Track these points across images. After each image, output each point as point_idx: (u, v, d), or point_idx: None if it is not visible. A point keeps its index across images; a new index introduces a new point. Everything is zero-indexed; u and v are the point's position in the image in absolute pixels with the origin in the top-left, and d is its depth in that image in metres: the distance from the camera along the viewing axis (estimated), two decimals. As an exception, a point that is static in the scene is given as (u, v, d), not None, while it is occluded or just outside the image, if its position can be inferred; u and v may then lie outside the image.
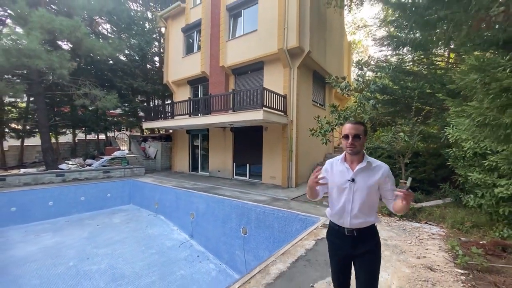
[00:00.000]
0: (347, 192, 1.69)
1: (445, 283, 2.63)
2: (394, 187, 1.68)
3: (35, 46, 7.54)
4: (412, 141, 5.34)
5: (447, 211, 5.08)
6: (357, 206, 1.66)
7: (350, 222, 1.67)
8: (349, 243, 1.69)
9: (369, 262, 1.66)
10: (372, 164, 1.70)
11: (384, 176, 1.66)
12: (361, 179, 1.67)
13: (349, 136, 1.66)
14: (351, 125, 1.69)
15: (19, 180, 8.45)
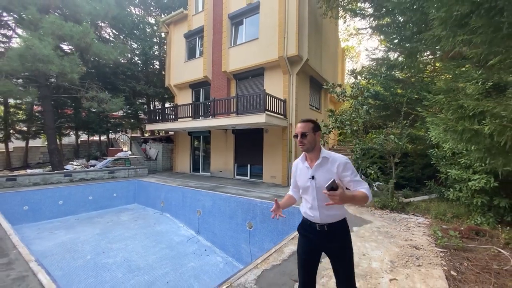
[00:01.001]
0: (311, 190, 1.71)
1: (427, 258, 3.23)
2: (354, 177, 1.67)
3: (49, 52, 7.90)
4: (401, 142, 5.98)
5: (432, 205, 5.74)
6: (321, 203, 1.67)
7: (320, 217, 1.68)
8: (320, 238, 1.70)
9: (343, 256, 1.69)
10: (329, 158, 1.71)
11: (341, 168, 1.66)
12: (319, 175, 1.69)
13: (297, 135, 1.72)
14: (299, 124, 1.75)
15: (29, 180, 8.74)
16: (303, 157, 1.82)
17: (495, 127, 1.68)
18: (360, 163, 7.30)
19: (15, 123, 11.33)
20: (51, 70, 8.04)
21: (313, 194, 1.71)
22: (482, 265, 3.06)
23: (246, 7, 10.28)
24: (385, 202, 5.90)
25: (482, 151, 2.31)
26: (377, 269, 2.93)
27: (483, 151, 2.30)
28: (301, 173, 1.81)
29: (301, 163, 1.82)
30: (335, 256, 1.71)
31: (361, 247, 3.56)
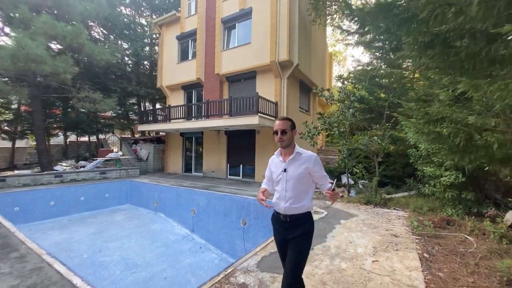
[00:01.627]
0: (282, 182, 1.85)
1: (404, 244, 3.69)
2: (323, 172, 1.86)
3: (42, 52, 7.89)
4: (383, 143, 6.52)
5: (411, 200, 6.31)
6: (290, 194, 1.80)
7: (284, 209, 1.82)
8: (284, 228, 1.85)
9: (297, 245, 1.78)
10: (302, 154, 1.86)
11: (312, 164, 1.82)
12: (291, 168, 1.83)
13: (278, 132, 1.84)
14: (279, 122, 1.87)
15: (18, 181, 8.61)
16: (278, 152, 1.97)
17: (451, 130, 2.11)
18: (347, 163, 7.81)
19: (1, 123, 11.04)
20: (44, 70, 8.01)
21: (283, 186, 1.84)
22: (450, 248, 3.55)
23: (239, 12, 10.62)
24: (370, 198, 6.40)
25: (446, 150, 2.77)
26: (362, 253, 3.34)
27: (446, 150, 2.76)
28: (276, 167, 1.95)
29: (276, 157, 1.98)
30: (292, 244, 1.80)
31: (348, 237, 3.98)
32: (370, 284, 2.58)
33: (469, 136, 2.04)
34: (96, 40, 13.82)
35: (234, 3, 10.83)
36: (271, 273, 2.77)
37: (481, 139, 1.91)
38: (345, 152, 7.58)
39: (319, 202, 6.65)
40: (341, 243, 3.68)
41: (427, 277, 2.74)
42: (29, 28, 8.82)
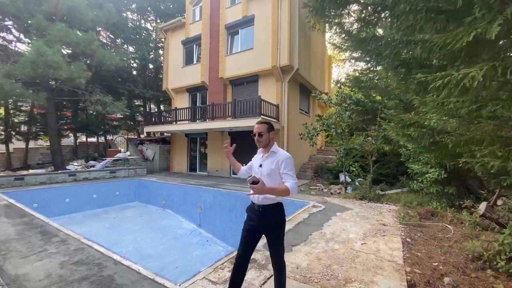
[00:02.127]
0: (258, 176, 1.99)
1: (391, 231, 4.22)
2: (288, 171, 2.00)
3: (59, 58, 8.45)
4: (377, 143, 7.05)
5: (402, 196, 6.85)
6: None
7: (258, 200, 2.03)
8: (257, 216, 2.04)
9: (272, 233, 2.04)
10: (276, 153, 2.09)
11: (280, 162, 2.02)
12: (265, 165, 2.08)
13: (255, 134, 2.11)
14: (257, 125, 2.13)
15: (35, 179, 9.17)
16: (260, 150, 2.25)
17: (418, 133, 2.62)
18: (344, 161, 8.35)
19: (16, 125, 11.60)
20: (61, 76, 8.57)
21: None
22: (431, 235, 4.09)
23: (242, 19, 11.18)
24: (364, 194, 6.94)
25: (419, 148, 3.30)
26: (353, 238, 3.88)
27: (420, 149, 3.30)
28: (256, 162, 2.25)
29: (258, 154, 2.28)
30: (267, 233, 2.05)
31: (342, 226, 4.51)
32: (357, 259, 3.12)
33: (432, 138, 2.56)
34: (104, 45, 14.39)
35: (237, 10, 11.39)
36: (276, 252, 3.31)
37: (440, 140, 2.43)
38: (342, 152, 8.11)
39: (318, 197, 7.18)
40: (336, 230, 4.22)
41: (406, 255, 3.28)
42: (44, 36, 9.40)
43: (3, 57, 10.39)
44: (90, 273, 2.73)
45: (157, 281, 2.62)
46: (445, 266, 2.97)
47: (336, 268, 2.89)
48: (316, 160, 12.52)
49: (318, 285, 2.55)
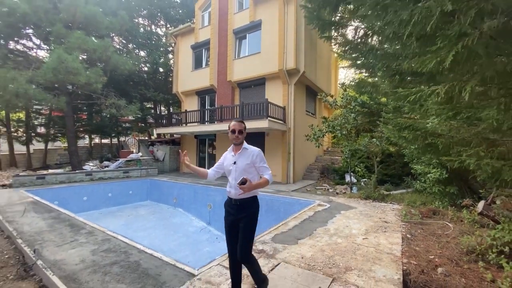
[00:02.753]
0: (233, 172, 2.23)
1: (392, 227, 4.45)
2: (263, 164, 2.24)
3: (77, 65, 8.99)
4: (381, 144, 7.24)
5: (407, 196, 7.01)
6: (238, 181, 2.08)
7: (234, 194, 2.18)
8: (234, 210, 2.20)
9: (244, 224, 2.15)
10: (248, 150, 2.26)
11: (255, 156, 2.21)
12: (240, 161, 2.23)
13: (235, 131, 2.21)
14: (236, 123, 2.24)
15: (55, 178, 9.74)
16: (231, 149, 2.37)
17: (413, 135, 2.87)
18: (350, 162, 8.56)
19: (36, 127, 12.29)
20: (80, 81, 9.11)
21: (234, 175, 2.22)
22: (430, 231, 4.30)
23: (249, 24, 11.53)
24: (369, 194, 7.14)
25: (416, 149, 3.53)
26: (355, 233, 4.14)
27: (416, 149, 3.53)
28: (228, 160, 2.34)
29: (229, 153, 2.39)
30: (241, 225, 2.16)
31: (346, 223, 4.76)
32: (358, 252, 3.38)
33: (425, 140, 2.79)
34: (117, 50, 15.00)
35: (245, 15, 11.75)
36: (283, 244, 3.61)
37: (432, 142, 2.67)
38: (347, 153, 8.32)
39: (323, 197, 7.43)
40: (339, 227, 4.48)
41: (404, 249, 3.52)
42: (63, 43, 9.99)
43: (24, 64, 11.08)
44: (119, 259, 3.09)
45: (178, 266, 2.96)
46: (440, 259, 3.20)
47: (337, 259, 3.16)
48: (323, 161, 12.72)
49: (320, 272, 2.83)
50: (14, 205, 6.13)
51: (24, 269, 3.01)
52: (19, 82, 8.15)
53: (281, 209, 7.42)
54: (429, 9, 1.33)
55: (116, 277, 2.66)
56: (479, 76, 1.52)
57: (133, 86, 15.17)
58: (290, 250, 3.41)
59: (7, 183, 9.27)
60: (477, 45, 1.29)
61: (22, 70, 9.60)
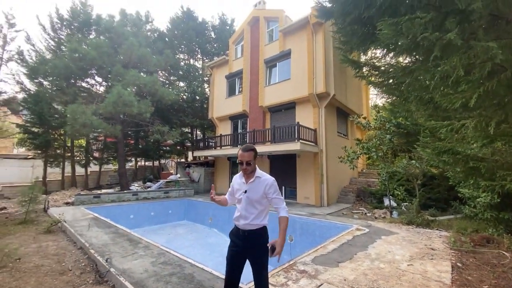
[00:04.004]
0: (243, 202, 2.07)
1: (440, 255, 4.23)
2: (277, 195, 2.07)
3: (132, 98, 10.41)
4: (421, 166, 6.97)
5: (455, 222, 6.51)
6: (249, 213, 2.01)
7: (244, 225, 2.03)
8: (243, 242, 2.03)
9: (255, 260, 2.03)
10: (261, 178, 2.09)
11: (268, 186, 2.04)
12: (251, 190, 2.05)
13: (242, 163, 2.04)
14: (244, 153, 2.05)
15: (108, 197, 10.92)
16: (241, 174, 2.19)
17: (453, 159, 2.87)
18: (388, 185, 8.27)
19: (93, 152, 14.11)
20: (132, 111, 10.49)
21: (243, 205, 2.06)
22: (484, 261, 4.01)
23: (279, 53, 12.37)
24: (411, 219, 6.78)
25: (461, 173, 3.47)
26: (399, 259, 4.03)
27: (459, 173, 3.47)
28: (238, 186, 2.18)
29: (239, 178, 2.21)
30: (252, 257, 2.04)
31: (387, 248, 4.64)
32: (403, 277, 3.33)
33: (467, 164, 2.79)
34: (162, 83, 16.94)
35: (275, 46, 12.67)
36: (323, 266, 3.70)
37: (474, 165, 2.67)
38: (384, 175, 8.09)
39: (361, 221, 7.23)
40: (381, 252, 4.40)
41: (454, 277, 3.36)
42: (120, 80, 11.70)
43: (88, 98, 13.11)
44: (175, 271, 3.48)
45: (228, 281, 3.23)
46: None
47: (382, 283, 3.16)
48: (358, 183, 12.34)
49: (365, 294, 2.88)
50: (79, 220, 7.07)
51: (99, 275, 3.54)
52: (87, 114, 9.68)
53: (316, 232, 7.35)
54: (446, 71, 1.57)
55: (176, 287, 3.02)
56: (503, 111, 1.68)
57: (174, 113, 16.78)
58: (332, 272, 3.48)
59: (69, 201, 10.64)
60: (497, 87, 1.48)
61: (87, 104, 11.36)
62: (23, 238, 5.50)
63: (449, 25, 1.63)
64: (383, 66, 2.94)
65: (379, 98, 22.46)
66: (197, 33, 19.19)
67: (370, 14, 2.45)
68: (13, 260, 4.07)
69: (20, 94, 13.66)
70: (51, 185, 12.98)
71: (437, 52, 1.66)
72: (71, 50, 11.07)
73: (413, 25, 1.74)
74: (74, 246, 4.98)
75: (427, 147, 3.39)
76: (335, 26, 3.95)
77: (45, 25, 13.88)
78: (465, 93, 1.60)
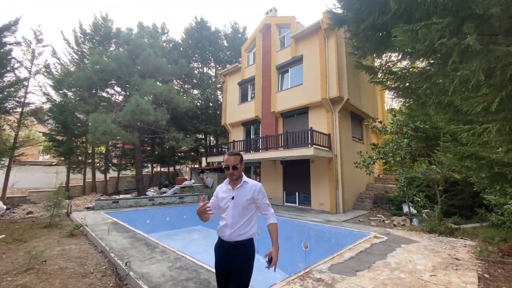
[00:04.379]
0: (230, 209, 1.96)
1: (465, 265, 4.00)
2: (265, 201, 2.02)
3: (149, 107, 10.79)
4: (442, 171, 6.68)
5: (481, 230, 6.15)
6: (236, 221, 1.91)
7: (230, 235, 1.90)
8: (226, 254, 1.92)
9: (239, 273, 1.89)
10: (249, 183, 2.03)
11: (257, 191, 1.99)
12: (239, 196, 1.97)
13: (229, 167, 1.97)
14: (230, 157, 1.99)
15: (126, 203, 11.27)
16: (227, 181, 2.12)
17: (476, 165, 2.73)
18: (406, 191, 7.97)
19: (112, 158, 14.70)
20: (149, 119, 10.86)
21: (230, 212, 1.96)
22: (516, 273, 3.74)
23: (291, 59, 12.42)
24: (433, 227, 6.47)
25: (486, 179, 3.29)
26: (421, 269, 3.86)
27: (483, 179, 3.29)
28: (224, 193, 2.07)
29: (225, 186, 2.12)
30: (236, 271, 1.89)
31: (408, 257, 4.46)
32: (426, 288, 3.18)
33: (492, 170, 2.64)
34: (177, 91, 17.47)
35: (287, 52, 12.75)
36: (340, 275, 3.61)
37: (499, 171, 2.52)
38: (403, 181, 7.82)
39: (379, 229, 7.00)
40: (401, 261, 4.23)
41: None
42: (138, 89, 12.19)
43: (108, 107, 13.74)
44: (191, 276, 3.53)
45: (243, 287, 3.22)
46: (532, 305, 2.81)
47: (403, 294, 3.04)
48: (375, 189, 11.98)
49: (385, 305, 2.77)
50: (99, 224, 7.34)
51: (119, 278, 3.66)
52: (107, 123, 10.13)
53: (332, 240, 7.19)
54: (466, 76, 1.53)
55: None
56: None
57: (189, 120, 17.22)
58: (349, 281, 3.39)
59: (90, 206, 11.08)
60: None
61: (107, 113, 11.89)
62: (48, 241, 5.78)
63: (467, 29, 1.59)
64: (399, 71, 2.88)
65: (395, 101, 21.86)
66: (210, 42, 19.72)
67: (384, 20, 2.44)
68: (39, 262, 4.29)
69: (46, 104, 14.58)
70: (73, 190, 13.61)
71: (456, 58, 1.62)
72: (93, 62, 11.72)
73: (429, 31, 1.72)
74: (95, 249, 5.17)
75: (448, 152, 3.27)
76: (349, 32, 3.94)
77: (69, 40, 14.83)
78: (487, 96, 1.55)
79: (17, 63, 11.21)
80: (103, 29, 14.80)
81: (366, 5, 2.51)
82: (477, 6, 1.55)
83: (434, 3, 1.82)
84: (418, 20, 1.88)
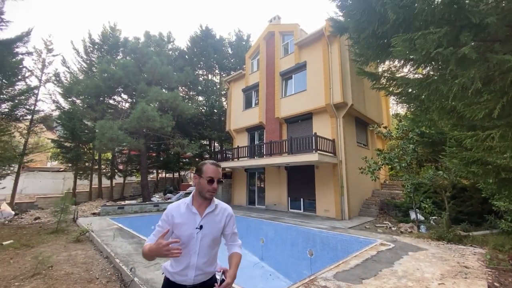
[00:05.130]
0: (195, 242, 1.44)
1: (475, 274, 3.90)
2: (235, 229, 1.62)
3: (155, 113, 10.97)
4: (449, 177, 6.57)
5: (491, 238, 5.99)
6: (204, 258, 1.45)
7: (194, 277, 1.43)
8: None
9: None
10: (219, 205, 1.56)
11: (229, 217, 1.58)
12: (208, 224, 1.49)
13: (213, 180, 1.48)
14: (216, 169, 1.51)
15: (131, 208, 11.35)
16: (189, 201, 1.52)
17: (483, 170, 2.70)
18: (413, 197, 7.84)
19: (118, 164, 14.89)
20: (155, 126, 11.02)
21: (196, 249, 1.44)
22: (528, 282, 3.63)
23: (295, 66, 12.53)
24: (441, 234, 6.34)
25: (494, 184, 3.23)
26: (429, 277, 3.77)
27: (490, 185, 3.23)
28: (185, 221, 1.47)
29: (184, 208, 1.51)
30: None
31: (415, 265, 4.37)
32: (434, 297, 3.11)
33: (499, 175, 2.60)
34: (182, 98, 17.73)
35: (290, 59, 12.88)
36: (346, 283, 3.55)
37: (506, 177, 2.48)
38: (409, 187, 7.70)
39: (385, 236, 6.88)
40: (408, 269, 4.14)
41: (493, 299, 3.08)
42: (144, 97, 12.42)
43: (115, 114, 14.01)
44: (196, 283, 3.52)
45: (247, 294, 3.20)
46: (546, 316, 2.72)
47: (410, 303, 2.97)
48: (381, 195, 11.81)
49: (392, 314, 2.72)
50: (105, 230, 7.41)
51: (124, 284, 3.67)
52: (114, 129, 10.31)
53: (338, 247, 7.09)
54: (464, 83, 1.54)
55: (196, 298, 3.05)
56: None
57: (193, 126, 17.41)
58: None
59: (96, 211, 11.19)
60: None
61: (114, 120, 12.11)
62: (55, 246, 5.85)
63: (463, 39, 1.61)
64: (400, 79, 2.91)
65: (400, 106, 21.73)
66: (215, 50, 20.08)
67: (384, 30, 2.48)
68: (46, 267, 4.35)
69: (55, 112, 14.96)
70: (79, 196, 13.79)
71: (453, 66, 1.64)
72: (101, 70, 12.03)
73: (426, 41, 1.74)
74: (100, 255, 5.21)
75: (454, 157, 3.24)
76: (350, 40, 3.99)
77: (79, 49, 15.29)
78: (489, 102, 1.55)
79: (28, 72, 11.59)
80: (112, 38, 15.23)
81: (366, 16, 2.56)
82: (473, 16, 1.58)
83: (431, 13, 1.85)
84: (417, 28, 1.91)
